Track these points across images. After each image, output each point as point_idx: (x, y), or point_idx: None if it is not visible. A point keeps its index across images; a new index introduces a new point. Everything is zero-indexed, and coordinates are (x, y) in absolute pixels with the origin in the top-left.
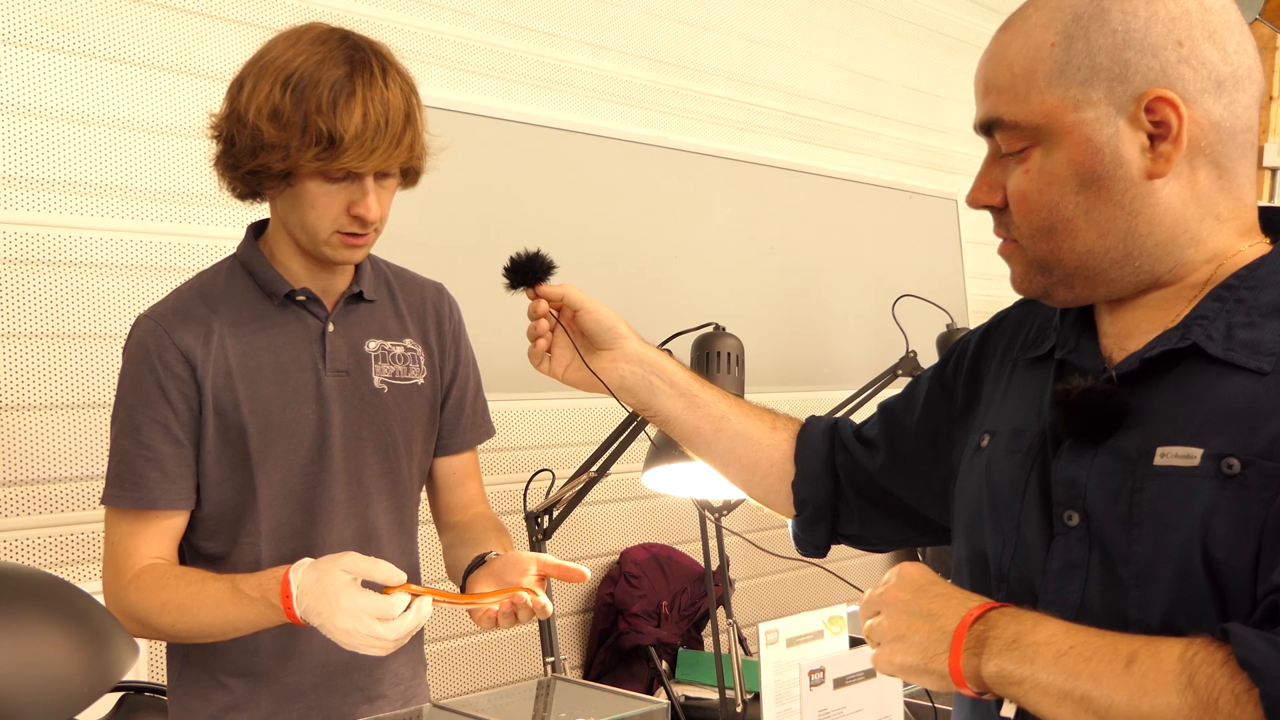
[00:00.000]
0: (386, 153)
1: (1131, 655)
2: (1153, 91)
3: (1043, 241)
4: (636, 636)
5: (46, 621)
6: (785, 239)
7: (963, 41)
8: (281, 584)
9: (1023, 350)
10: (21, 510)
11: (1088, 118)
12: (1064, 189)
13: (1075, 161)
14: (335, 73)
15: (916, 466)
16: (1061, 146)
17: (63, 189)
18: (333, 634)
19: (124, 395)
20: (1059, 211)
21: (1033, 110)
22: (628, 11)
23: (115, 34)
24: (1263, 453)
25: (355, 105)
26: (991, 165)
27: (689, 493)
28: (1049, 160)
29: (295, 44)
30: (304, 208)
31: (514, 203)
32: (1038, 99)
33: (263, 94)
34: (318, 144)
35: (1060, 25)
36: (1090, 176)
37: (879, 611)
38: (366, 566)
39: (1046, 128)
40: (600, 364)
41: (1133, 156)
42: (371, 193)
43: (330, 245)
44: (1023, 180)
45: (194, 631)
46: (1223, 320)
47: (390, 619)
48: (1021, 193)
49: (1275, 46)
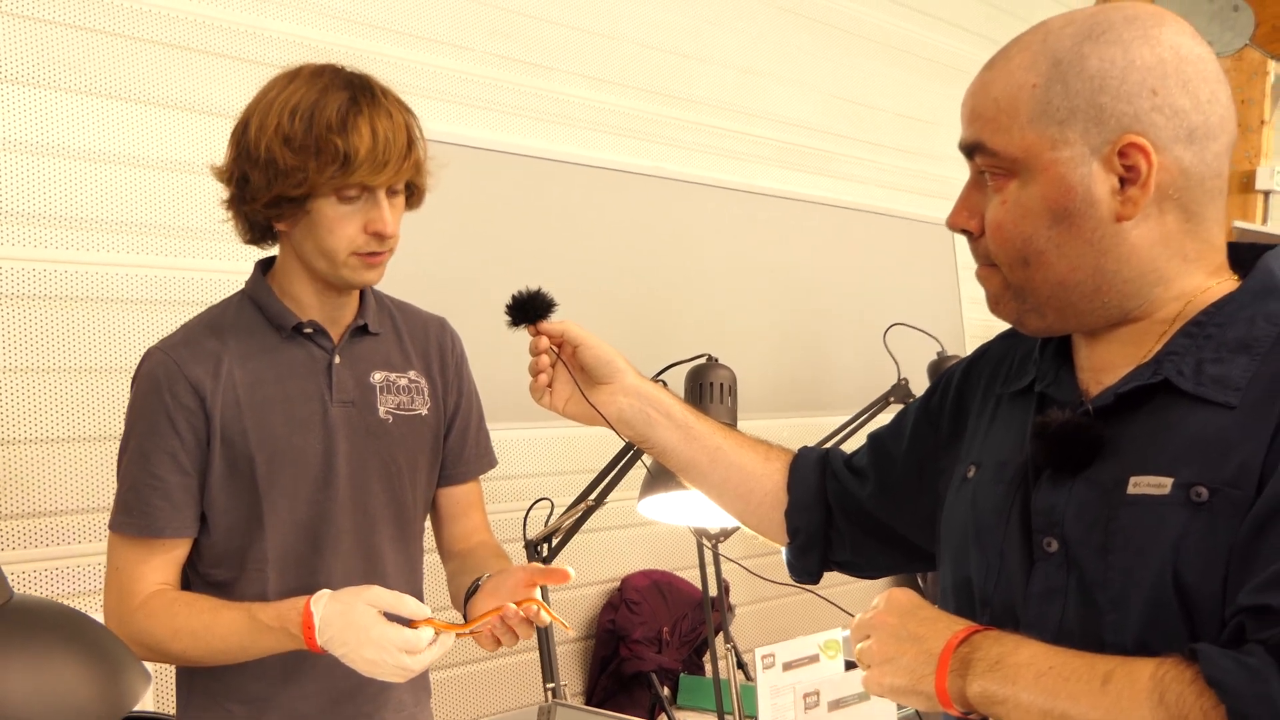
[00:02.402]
0: (397, 166)
1: (1107, 675)
2: (1126, 137)
3: (1019, 270)
4: (638, 663)
5: (64, 651)
6: (782, 267)
7: (956, 69)
8: (303, 614)
9: (1005, 384)
10: (28, 543)
11: (1063, 156)
12: (1037, 222)
13: (1049, 198)
14: (340, 96)
15: (904, 495)
16: (1037, 182)
17: (68, 225)
18: (356, 664)
19: (133, 425)
20: (1032, 244)
21: (1013, 143)
22: (623, 45)
23: (120, 72)
24: (1230, 482)
25: (363, 123)
26: (972, 191)
27: (684, 520)
28: (1024, 193)
29: (293, 81)
30: (321, 233)
31: (513, 234)
32: (1019, 133)
33: (271, 127)
34: (333, 162)
35: (1042, 68)
36: (1062, 213)
37: (869, 635)
38: (393, 601)
39: (1024, 161)
40: (599, 398)
41: (1103, 197)
42: (386, 208)
43: (349, 267)
44: (999, 210)
45: (205, 657)
46: (1192, 356)
47: (418, 652)
48: (998, 222)
49: (1266, 71)
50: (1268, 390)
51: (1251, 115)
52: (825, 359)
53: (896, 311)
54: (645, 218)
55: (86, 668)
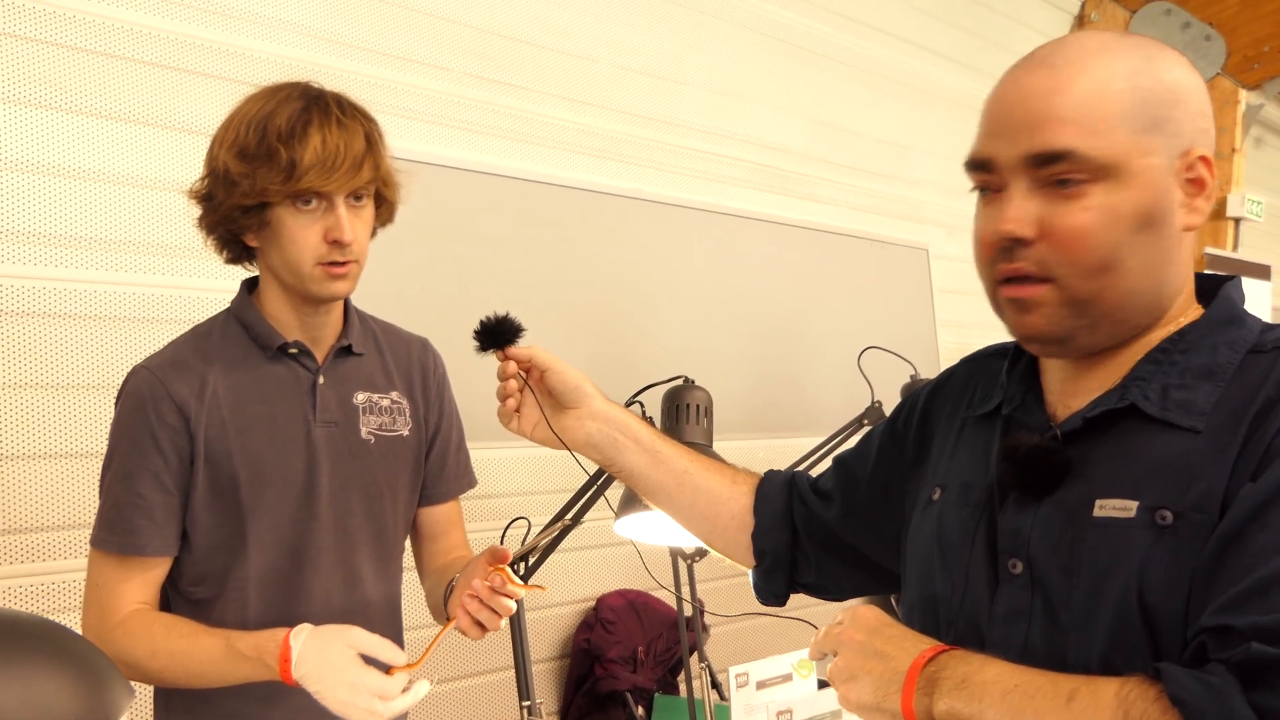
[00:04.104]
0: (349, 172)
1: (1072, 693)
2: (1197, 150)
3: (1091, 280)
4: (613, 682)
5: (49, 665)
6: (758, 289)
7: (932, 95)
8: (281, 647)
9: (970, 407)
10: (9, 559)
11: (1153, 164)
12: (1125, 229)
13: (1140, 203)
14: (293, 107)
15: (870, 517)
16: (1130, 187)
17: (50, 242)
18: (328, 702)
19: (117, 443)
20: (1117, 251)
21: (1106, 147)
22: (602, 66)
23: (103, 90)
24: (1194, 506)
25: (313, 131)
26: (1028, 199)
27: (661, 540)
28: (1115, 198)
29: (256, 98)
30: (284, 242)
31: (491, 254)
32: (1112, 136)
33: (229, 140)
34: (280, 169)
35: (1123, 72)
36: (1149, 220)
37: (835, 651)
38: (374, 645)
39: (1116, 166)
40: (568, 422)
41: (1175, 207)
42: (344, 215)
43: (314, 279)
44: (1083, 216)
45: (182, 679)
46: (1158, 381)
47: (390, 698)
48: (1082, 228)
49: (1237, 100)
50: (1231, 416)
51: (1223, 143)
52: (800, 381)
53: (871, 334)
54: (622, 239)
55: (71, 681)
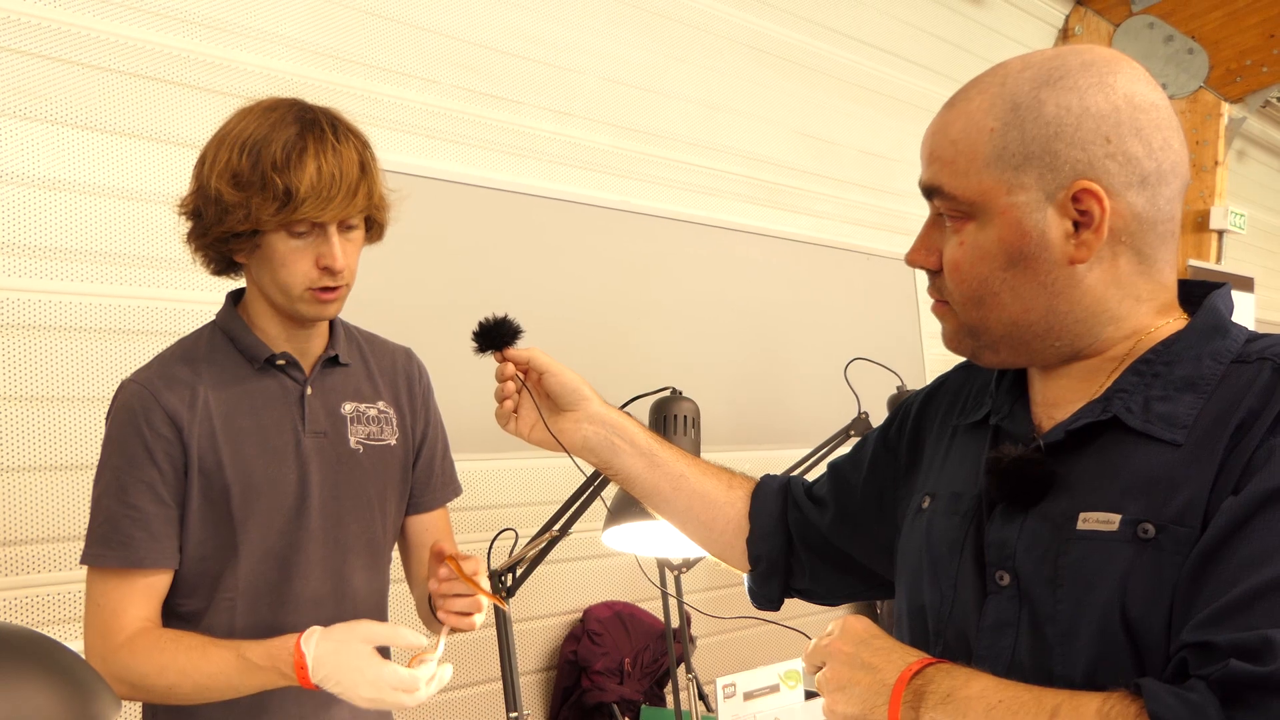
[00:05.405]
0: (344, 202)
1: (1055, 709)
2: (1080, 183)
3: (973, 309)
4: (600, 694)
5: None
6: (745, 300)
7: (917, 107)
8: (294, 653)
9: (961, 415)
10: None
11: (1019, 201)
12: (993, 264)
13: (1005, 241)
14: (287, 132)
15: (863, 523)
16: (994, 225)
17: (38, 254)
18: (354, 700)
19: (109, 457)
20: (987, 285)
21: (970, 187)
22: (590, 79)
23: (91, 102)
24: (1175, 519)
25: (308, 159)
26: (931, 229)
27: (647, 551)
28: (981, 236)
29: (248, 115)
30: (275, 266)
31: (479, 266)
32: (976, 177)
33: (222, 162)
34: (275, 199)
35: (1000, 112)
36: (1017, 256)
37: (824, 662)
38: (386, 634)
39: (981, 205)
40: (564, 424)
41: (1057, 241)
42: (337, 243)
43: (304, 301)
44: (956, 251)
45: (192, 694)
46: (1141, 394)
47: (414, 690)
48: (955, 262)
49: (1220, 113)
50: (1213, 428)
51: (1206, 156)
52: (787, 392)
53: (857, 345)
54: (610, 250)
55: (57, 693)
